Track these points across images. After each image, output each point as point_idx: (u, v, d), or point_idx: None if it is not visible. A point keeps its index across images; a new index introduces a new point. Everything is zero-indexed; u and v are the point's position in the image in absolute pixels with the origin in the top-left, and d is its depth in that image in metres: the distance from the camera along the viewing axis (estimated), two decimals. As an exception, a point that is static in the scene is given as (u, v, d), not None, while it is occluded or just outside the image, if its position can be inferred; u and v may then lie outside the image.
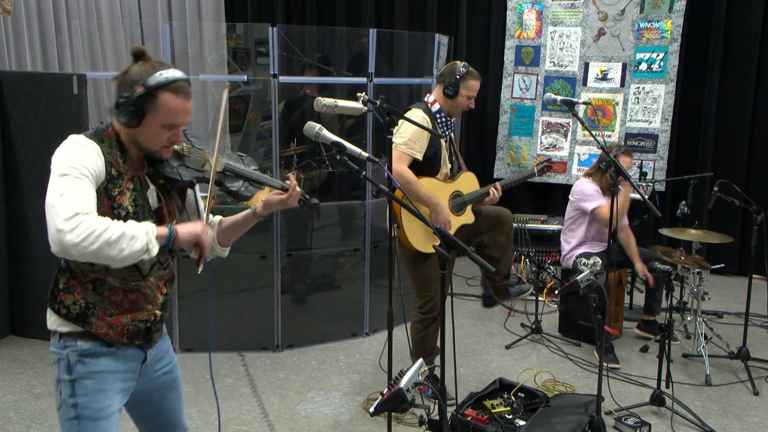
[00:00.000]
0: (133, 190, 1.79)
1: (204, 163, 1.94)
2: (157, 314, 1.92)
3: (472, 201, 3.53)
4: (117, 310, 1.83)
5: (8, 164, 4.28)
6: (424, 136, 3.31)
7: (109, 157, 1.75)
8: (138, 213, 1.79)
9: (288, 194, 2.01)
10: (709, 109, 5.84)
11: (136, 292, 1.85)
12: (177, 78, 1.74)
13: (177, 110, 1.75)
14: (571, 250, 4.45)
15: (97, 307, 1.80)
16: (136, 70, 1.74)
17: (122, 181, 1.77)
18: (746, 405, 3.61)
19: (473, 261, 1.97)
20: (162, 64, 1.75)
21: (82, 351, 1.81)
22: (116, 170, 1.76)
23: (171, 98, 1.73)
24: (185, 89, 1.76)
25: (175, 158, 1.89)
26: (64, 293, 1.81)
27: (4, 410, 3.48)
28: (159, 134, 1.77)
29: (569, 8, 6.02)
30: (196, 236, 1.80)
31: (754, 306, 4.15)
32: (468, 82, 3.39)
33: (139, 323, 1.87)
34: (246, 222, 2.06)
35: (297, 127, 4.70)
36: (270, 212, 2.05)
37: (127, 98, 1.71)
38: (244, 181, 1.99)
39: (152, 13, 6.17)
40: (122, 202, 1.76)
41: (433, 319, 3.47)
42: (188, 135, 1.96)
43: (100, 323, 1.81)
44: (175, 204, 1.96)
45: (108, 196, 1.74)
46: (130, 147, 1.81)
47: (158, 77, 1.71)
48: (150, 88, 1.70)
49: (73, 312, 1.80)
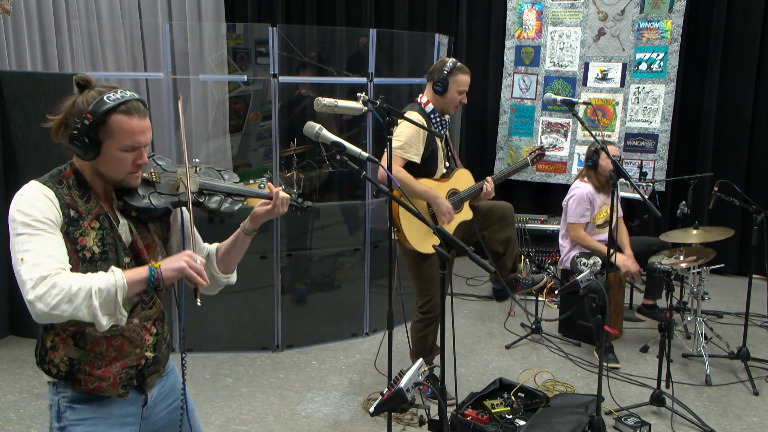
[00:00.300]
0: (99, 229, 1.70)
1: (177, 186, 1.82)
2: (149, 357, 1.83)
3: (468, 197, 3.53)
4: (104, 361, 1.75)
5: (8, 164, 4.29)
6: (420, 139, 3.31)
7: (66, 198, 1.67)
8: (107, 252, 1.70)
9: (273, 204, 1.89)
10: (709, 109, 5.84)
11: (119, 338, 1.76)
12: (126, 99, 1.65)
13: (133, 130, 1.65)
14: (568, 253, 4.46)
15: (82, 362, 1.73)
16: (82, 100, 1.66)
17: (84, 222, 1.68)
18: (746, 405, 3.61)
19: (473, 261, 1.97)
20: (110, 88, 1.67)
21: (73, 398, 1.75)
22: (76, 211, 1.67)
23: (124, 120, 1.64)
24: (138, 108, 1.67)
25: (145, 186, 1.78)
26: (52, 351, 1.74)
27: (4, 410, 3.48)
28: (121, 160, 1.67)
29: (569, 8, 6.02)
30: (181, 270, 1.66)
31: (754, 306, 4.15)
32: (457, 77, 3.35)
33: (129, 370, 1.79)
34: (239, 242, 1.96)
35: (296, 126, 4.71)
36: (259, 225, 1.94)
37: (79, 130, 1.63)
38: (225, 197, 1.88)
39: (152, 13, 6.17)
40: (86, 244, 1.68)
41: (433, 319, 3.47)
42: (156, 159, 1.86)
43: (89, 379, 1.74)
44: (156, 234, 1.85)
45: (70, 240, 1.65)
46: (94, 182, 1.73)
47: (106, 102, 1.63)
48: (99, 115, 1.62)
49: (63, 370, 1.74)
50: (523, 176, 6.20)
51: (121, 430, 1.81)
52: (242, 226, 1.94)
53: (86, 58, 5.40)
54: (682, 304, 4.23)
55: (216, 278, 1.99)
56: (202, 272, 1.68)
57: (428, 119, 3.41)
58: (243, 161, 6.10)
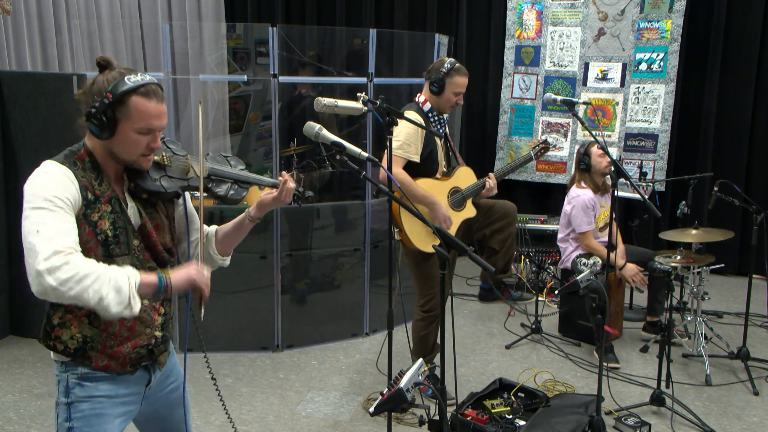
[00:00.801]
0: (111, 213, 1.72)
1: (188, 171, 1.85)
2: (158, 336, 1.87)
3: (471, 195, 3.52)
4: (116, 341, 1.77)
5: (8, 164, 4.29)
6: (418, 138, 3.30)
7: (83, 180, 1.68)
8: (119, 236, 1.73)
9: (280, 190, 1.93)
10: (709, 109, 5.84)
11: (131, 318, 1.75)
12: (146, 82, 1.68)
13: (150, 113, 1.68)
14: (570, 253, 4.46)
15: (95, 340, 1.75)
16: (102, 79, 1.68)
17: (100, 204, 1.70)
18: (746, 405, 3.61)
19: (473, 261, 1.97)
20: (130, 71, 1.70)
21: (82, 374, 1.77)
22: (92, 194, 1.69)
23: (142, 102, 1.66)
24: (156, 92, 1.70)
25: (156, 169, 1.80)
26: (60, 328, 1.75)
27: (4, 410, 3.49)
28: (135, 142, 1.69)
29: (569, 8, 6.02)
30: (191, 281, 1.70)
31: (754, 306, 4.15)
32: (454, 79, 3.32)
33: (140, 349, 1.82)
34: (242, 227, 1.99)
35: (296, 126, 4.70)
36: (264, 213, 1.98)
37: (97, 108, 1.65)
38: (232, 184, 1.91)
39: (152, 13, 6.17)
40: (103, 227, 1.70)
41: (435, 318, 3.47)
42: (167, 142, 1.88)
43: (100, 356, 1.76)
44: (163, 215, 1.88)
45: (88, 223, 1.68)
46: (106, 164, 1.75)
47: (126, 83, 1.65)
48: (118, 94, 1.64)
49: (71, 347, 1.75)
50: (523, 176, 6.21)
51: (126, 408, 1.85)
52: (247, 212, 1.98)
53: (86, 58, 5.40)
54: (682, 304, 4.23)
55: (213, 258, 2.02)
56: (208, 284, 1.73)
57: (426, 118, 3.41)
58: (243, 161, 6.09)
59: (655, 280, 4.30)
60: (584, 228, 4.29)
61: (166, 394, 1.99)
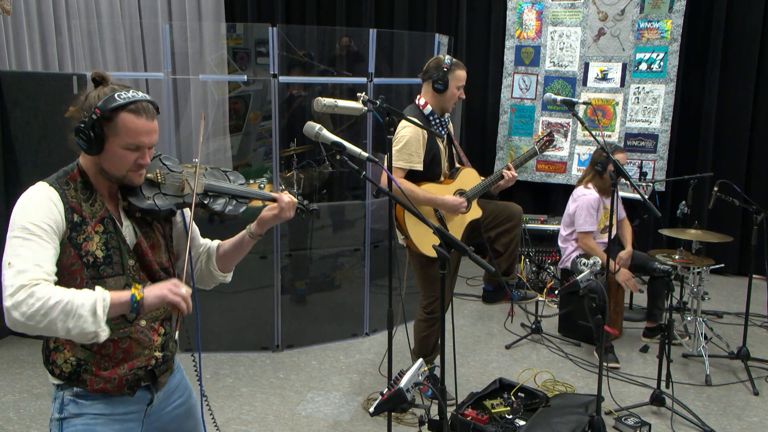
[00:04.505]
0: (103, 233, 1.71)
1: (183, 187, 1.82)
2: (158, 356, 1.83)
3: (477, 195, 3.51)
4: (110, 362, 1.74)
5: (8, 164, 4.28)
6: (420, 144, 3.30)
7: (72, 201, 1.67)
8: (111, 256, 1.71)
9: (280, 207, 1.90)
10: (709, 109, 5.84)
11: (127, 340, 1.75)
12: (137, 99, 1.67)
13: (138, 130, 1.66)
14: (570, 253, 4.46)
15: (89, 362, 1.73)
16: (94, 95, 1.68)
17: (88, 226, 1.68)
18: (746, 405, 3.61)
19: (473, 261, 1.97)
20: (123, 87, 1.69)
21: (77, 392, 1.75)
22: (79, 216, 1.68)
23: (130, 118, 1.65)
24: (147, 109, 1.68)
25: (150, 187, 1.78)
26: (54, 353, 1.74)
27: (4, 410, 3.49)
28: (123, 158, 1.68)
29: (569, 8, 6.02)
30: (162, 299, 1.64)
31: (754, 306, 4.15)
32: (455, 73, 3.38)
33: (138, 371, 1.78)
34: (243, 244, 1.95)
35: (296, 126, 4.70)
36: (266, 230, 1.94)
37: (85, 123, 1.64)
38: (229, 199, 1.87)
39: (152, 13, 6.17)
40: (89, 249, 1.68)
41: (437, 320, 3.47)
42: (163, 159, 1.85)
43: (95, 379, 1.73)
44: (160, 234, 1.86)
45: (73, 245, 1.66)
46: (98, 182, 1.74)
47: (116, 99, 1.64)
48: (107, 111, 1.63)
49: (66, 371, 1.73)
50: (523, 176, 6.20)
51: (123, 425, 1.80)
52: (248, 228, 1.94)
53: (86, 58, 5.40)
54: (682, 304, 4.23)
55: (213, 275, 2.00)
56: (187, 299, 1.66)
57: (427, 122, 3.41)
58: (243, 161, 6.10)
59: (655, 283, 4.30)
60: (586, 228, 4.29)
61: (171, 411, 1.95)
